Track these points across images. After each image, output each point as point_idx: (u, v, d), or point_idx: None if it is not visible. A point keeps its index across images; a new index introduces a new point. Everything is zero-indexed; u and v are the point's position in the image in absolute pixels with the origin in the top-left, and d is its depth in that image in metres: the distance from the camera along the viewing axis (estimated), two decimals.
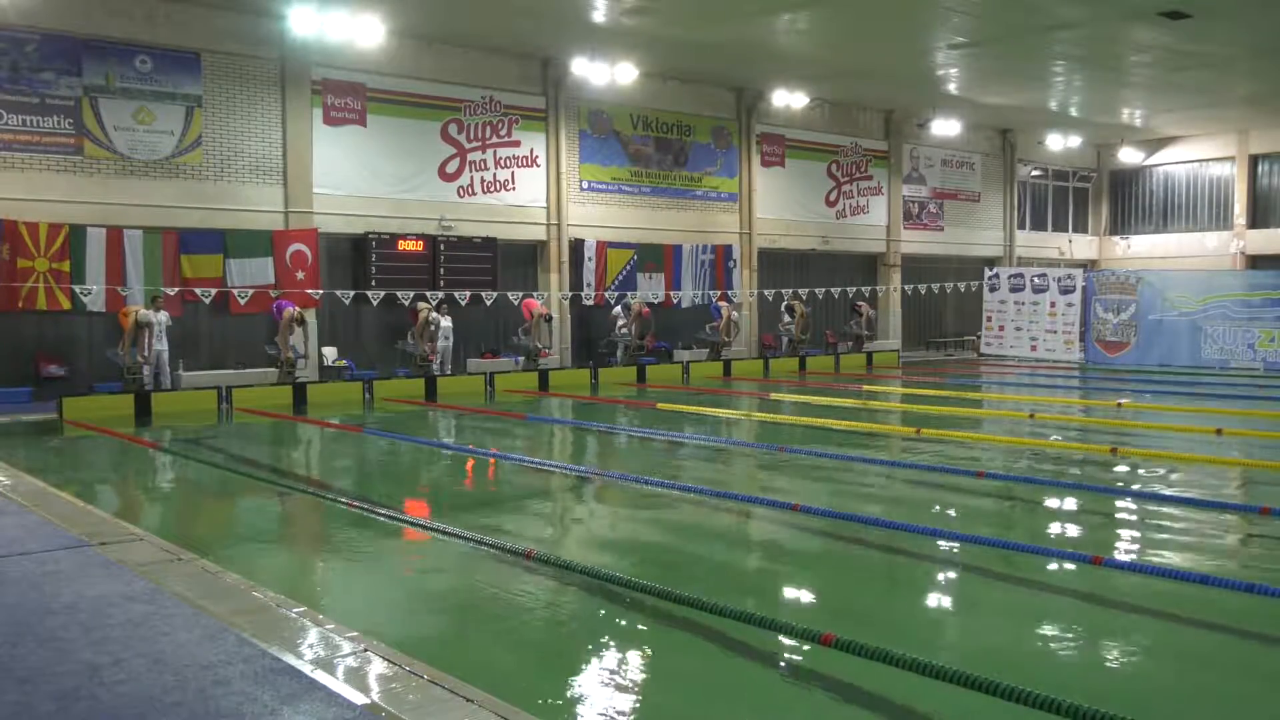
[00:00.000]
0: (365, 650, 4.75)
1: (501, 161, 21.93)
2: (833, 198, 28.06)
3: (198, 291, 18.13)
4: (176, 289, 17.95)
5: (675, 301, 24.22)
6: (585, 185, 23.29)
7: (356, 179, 20.09)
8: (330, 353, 19.86)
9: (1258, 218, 32.18)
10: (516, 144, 22.13)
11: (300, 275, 19.09)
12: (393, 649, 4.82)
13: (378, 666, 4.54)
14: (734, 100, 25.64)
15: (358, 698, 4.12)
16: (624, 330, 22.84)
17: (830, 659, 5.09)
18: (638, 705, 4.76)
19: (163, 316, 17.25)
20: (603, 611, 6.11)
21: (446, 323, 20.56)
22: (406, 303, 19.90)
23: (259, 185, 18.99)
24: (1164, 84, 25.14)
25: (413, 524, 8.73)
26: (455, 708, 4.05)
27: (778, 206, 26.74)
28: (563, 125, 22.69)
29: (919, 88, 25.80)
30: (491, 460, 11.94)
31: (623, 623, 5.93)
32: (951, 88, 25.67)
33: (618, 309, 23.17)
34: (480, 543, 7.51)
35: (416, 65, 20.70)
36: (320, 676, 4.37)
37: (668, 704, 4.84)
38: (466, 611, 6.27)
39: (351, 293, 19.69)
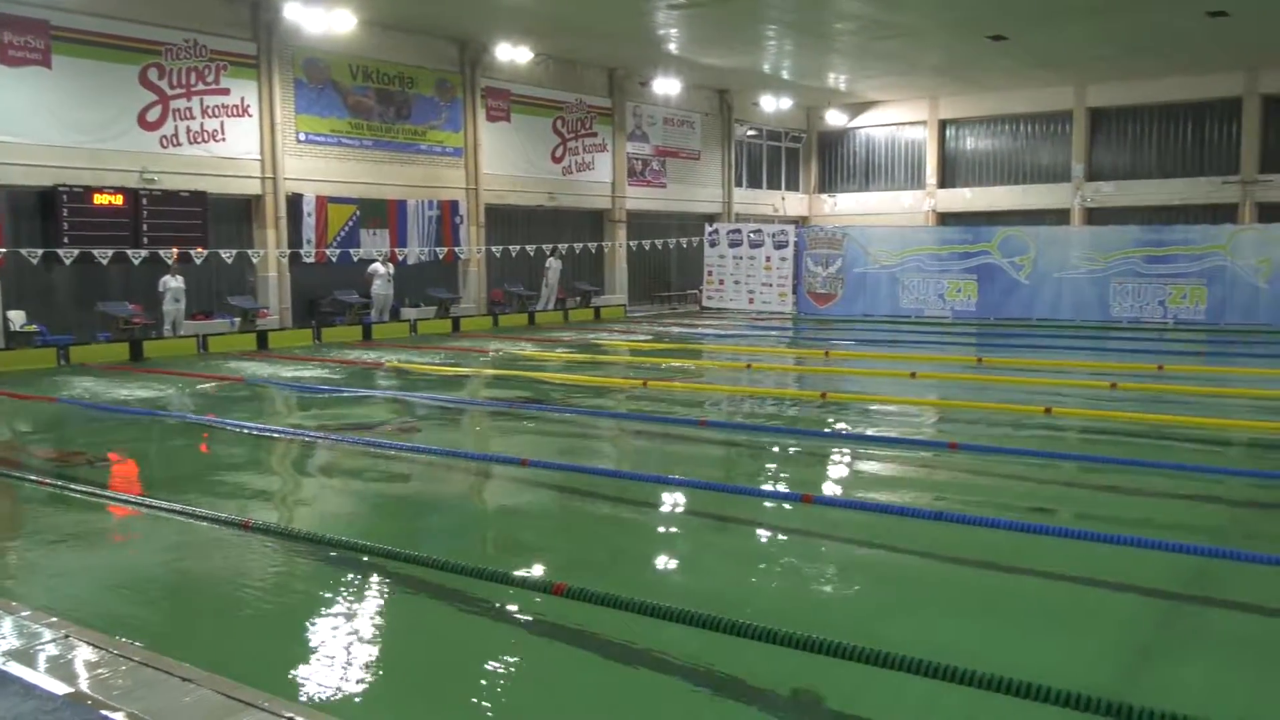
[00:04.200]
0: (68, 637, 4.42)
1: (210, 110, 20.57)
2: (559, 154, 28.18)
3: None
4: None
5: (401, 259, 23.66)
6: (302, 137, 22.26)
7: (42, 126, 18.24)
8: (17, 317, 18.11)
9: (946, 178, 34.96)
10: (226, 92, 20.81)
11: None
12: (99, 634, 4.50)
13: (84, 653, 4.24)
14: (458, 53, 25.17)
15: (59, 687, 3.83)
16: (380, 289, 22.40)
17: (565, 608, 5.19)
18: (373, 668, 4.69)
19: None
20: (332, 578, 5.95)
21: (177, 283, 19.22)
22: (105, 261, 18.39)
23: None
24: (865, 51, 26.75)
25: (117, 500, 8.14)
26: (171, 689, 3.85)
27: (505, 162, 26.58)
28: (276, 73, 21.52)
29: (641, 46, 26.26)
30: (206, 428, 11.31)
31: (354, 587, 5.80)
32: (672, 48, 26.28)
33: (375, 265, 22.54)
34: (194, 515, 7.12)
35: (109, 2, 19.01)
36: (14, 668, 4.03)
37: (402, 665, 4.79)
38: (182, 588, 5.94)
39: (40, 251, 17.96)
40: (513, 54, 25.16)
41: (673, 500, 7.92)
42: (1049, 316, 24.10)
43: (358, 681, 4.54)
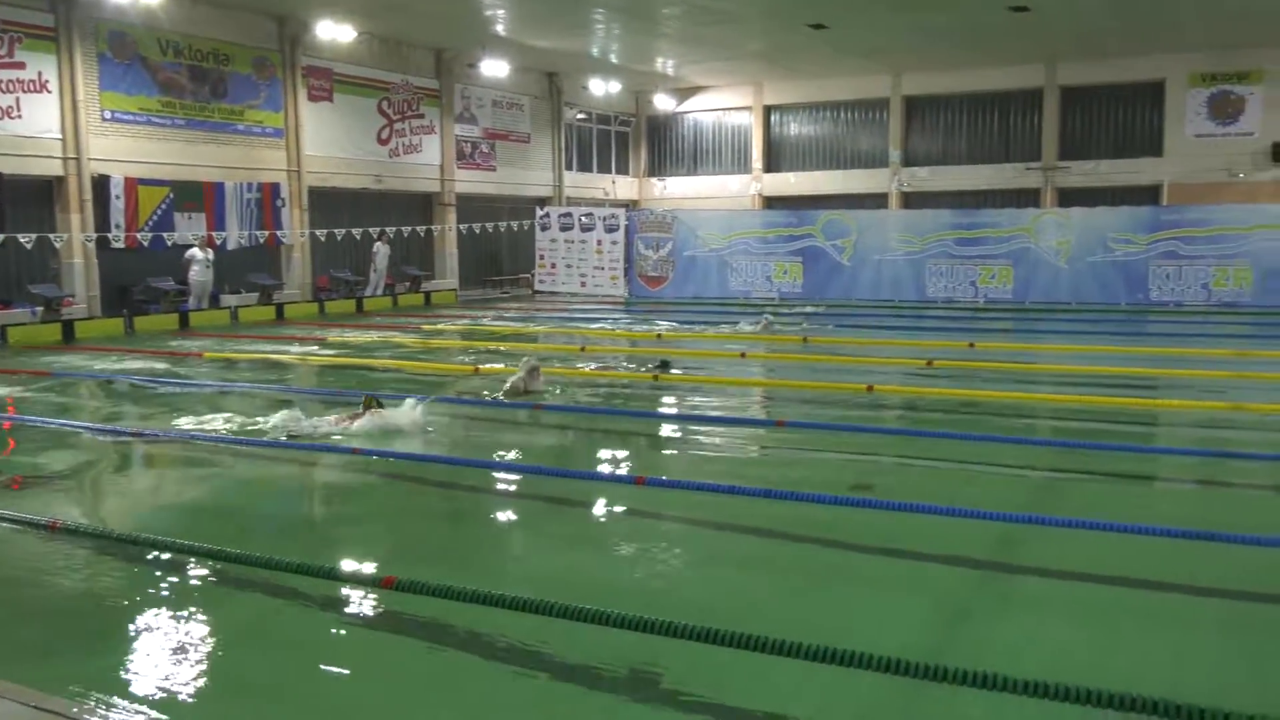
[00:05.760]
0: None
1: (3, 86, 19.21)
2: (385, 135, 27.52)
3: None
4: None
5: (220, 243, 22.67)
6: (108, 115, 21.03)
7: None
8: None
9: (772, 163, 35.80)
10: (21, 66, 19.46)
11: None
12: None
13: None
14: (276, 30, 24.23)
15: None
16: (198, 275, 21.46)
17: (397, 600, 5.10)
18: (195, 671, 4.50)
19: None
20: (149, 579, 5.68)
21: None
22: None
23: None
24: (691, 37, 27.08)
25: None
26: None
27: (328, 143, 25.77)
28: (78, 47, 20.24)
29: (468, 27, 25.88)
30: (4, 423, 10.61)
31: (173, 588, 5.55)
32: (500, 29, 26.00)
33: (193, 251, 21.49)
34: None
35: None
36: None
37: (224, 666, 4.62)
38: None
39: None
40: (335, 32, 24.40)
41: (506, 486, 7.88)
42: (869, 297, 25.02)
43: (181, 685, 4.35)
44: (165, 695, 4.25)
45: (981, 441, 9.16)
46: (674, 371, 13.20)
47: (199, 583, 5.63)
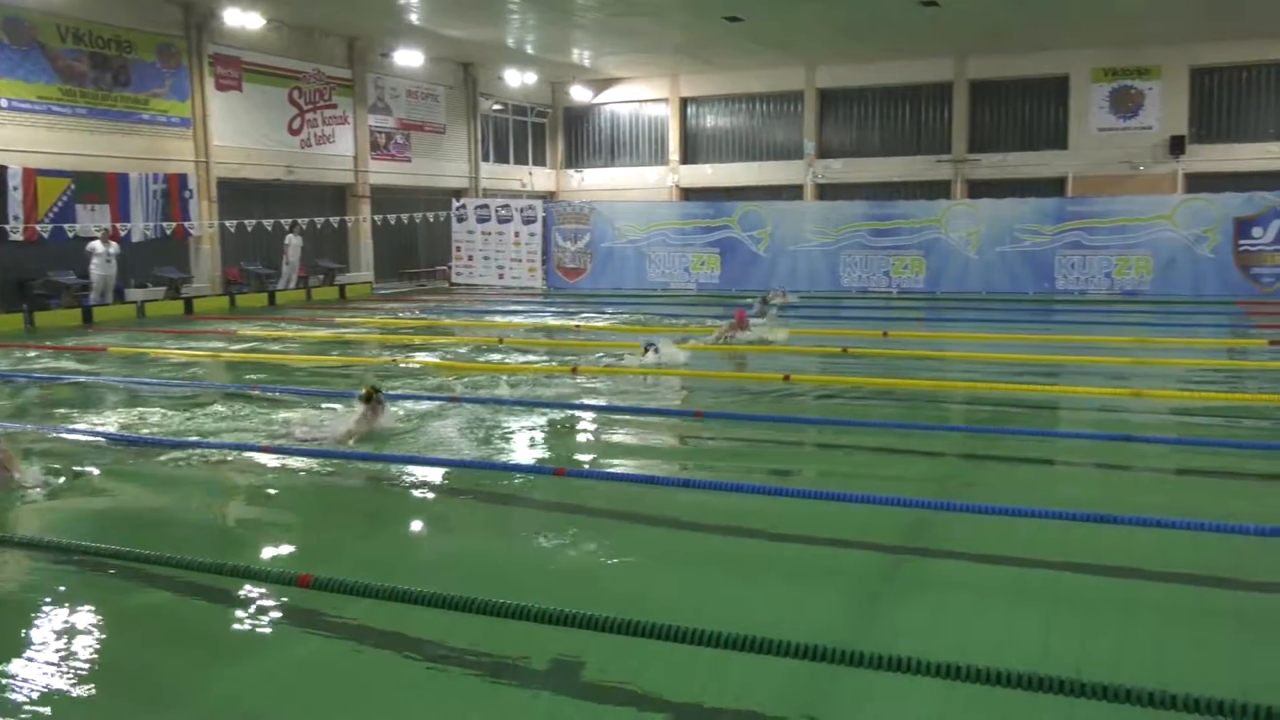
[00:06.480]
0: None
1: None
2: (296, 126, 26.99)
3: None
4: None
5: (124, 236, 22.03)
6: (5, 104, 20.29)
7: None
8: None
9: (689, 155, 35.95)
10: None
11: None
12: None
13: None
14: (181, 16, 23.59)
15: None
16: (99, 269, 20.81)
17: (315, 599, 5.04)
18: (96, 673, 4.39)
19: None
20: (59, 583, 5.52)
21: None
22: None
23: None
24: (608, 28, 27.06)
25: None
26: None
27: (237, 133, 25.20)
28: None
29: (381, 15, 25.51)
30: None
31: (84, 593, 5.40)
32: (413, 18, 25.68)
33: (94, 244, 20.82)
34: None
35: None
36: None
37: (128, 668, 4.52)
38: None
39: None
40: (243, 19, 23.86)
41: (426, 479, 7.81)
42: (786, 287, 25.27)
43: (81, 687, 4.24)
44: (61, 698, 4.14)
45: (895, 429, 9.33)
46: (592, 363, 13.19)
47: (107, 586, 5.49)
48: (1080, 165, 30.51)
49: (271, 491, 7.78)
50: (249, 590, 5.28)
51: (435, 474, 7.93)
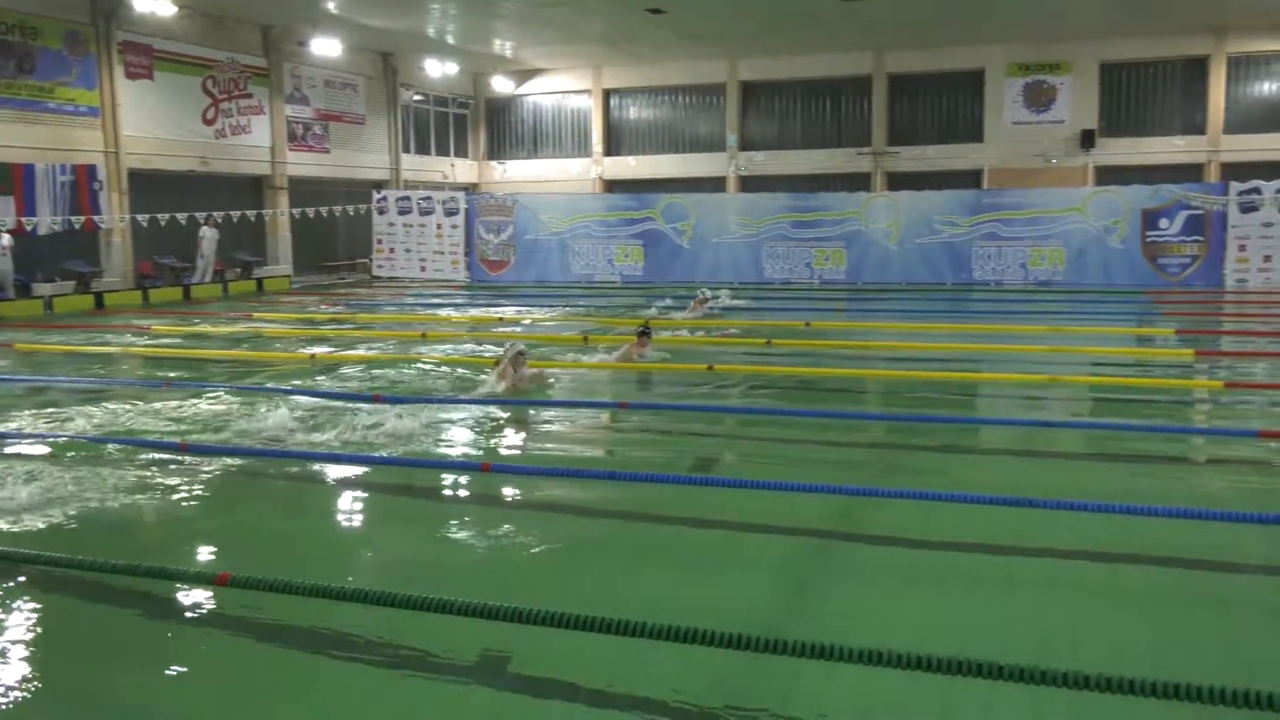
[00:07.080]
0: None
1: None
2: (210, 116, 26.36)
3: None
4: None
5: (30, 229, 21.32)
6: None
7: None
8: None
9: (612, 146, 35.90)
10: None
11: None
12: None
13: None
14: (88, 3, 22.88)
15: None
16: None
17: (236, 598, 4.94)
18: (24, 683, 4.25)
19: None
20: None
21: None
22: None
23: None
24: (530, 19, 26.87)
25: None
26: None
27: (150, 123, 24.53)
28: None
29: (297, 3, 25.01)
30: None
31: None
32: (330, 6, 25.21)
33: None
34: None
35: None
36: None
37: (55, 677, 4.38)
38: None
39: None
40: (153, 6, 23.18)
41: (350, 477, 7.70)
42: (709, 278, 25.36)
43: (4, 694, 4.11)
44: None
45: (819, 417, 9.43)
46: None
47: (20, 589, 5.31)
48: (996, 158, 31.14)
49: (187, 490, 7.59)
50: (166, 590, 5.15)
51: (358, 470, 7.82)
